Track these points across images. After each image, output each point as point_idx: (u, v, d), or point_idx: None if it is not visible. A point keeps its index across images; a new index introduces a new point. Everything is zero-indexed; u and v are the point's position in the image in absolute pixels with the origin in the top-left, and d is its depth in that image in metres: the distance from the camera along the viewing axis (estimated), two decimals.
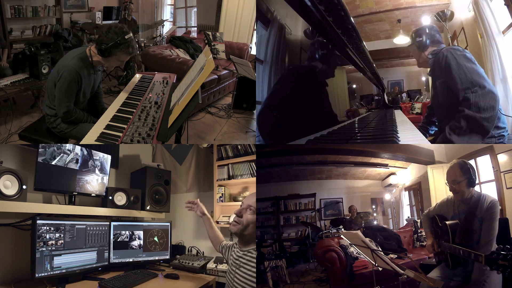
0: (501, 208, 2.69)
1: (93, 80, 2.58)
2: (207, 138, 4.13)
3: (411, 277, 2.01)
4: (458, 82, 2.29)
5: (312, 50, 3.39)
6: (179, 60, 4.78)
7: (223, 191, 3.57)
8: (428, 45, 2.66)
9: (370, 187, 6.36)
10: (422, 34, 2.68)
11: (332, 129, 3.23)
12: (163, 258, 3.05)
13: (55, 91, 2.41)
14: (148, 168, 3.12)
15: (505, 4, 3.15)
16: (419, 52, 2.73)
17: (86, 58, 2.41)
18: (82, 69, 2.37)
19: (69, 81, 2.33)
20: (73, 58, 2.36)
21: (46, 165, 2.26)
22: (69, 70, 2.32)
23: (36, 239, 2.04)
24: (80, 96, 2.50)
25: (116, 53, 2.35)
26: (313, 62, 3.34)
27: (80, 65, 2.36)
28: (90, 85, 2.57)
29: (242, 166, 3.51)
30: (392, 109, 5.09)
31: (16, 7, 5.28)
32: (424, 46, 2.67)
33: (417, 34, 2.71)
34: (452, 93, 2.38)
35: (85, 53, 2.41)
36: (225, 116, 4.79)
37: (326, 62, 3.29)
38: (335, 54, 3.31)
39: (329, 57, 3.29)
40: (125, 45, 2.33)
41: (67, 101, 2.40)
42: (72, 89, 2.38)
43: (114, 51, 2.34)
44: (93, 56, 2.42)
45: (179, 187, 3.87)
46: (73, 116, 2.48)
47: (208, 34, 6.10)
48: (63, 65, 2.35)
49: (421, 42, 2.67)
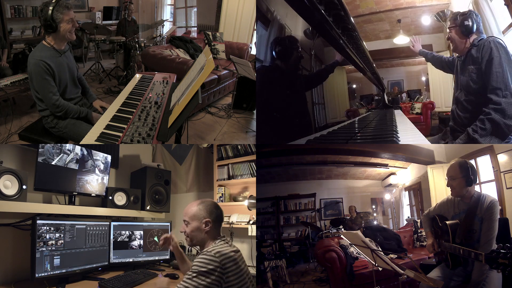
0: (501, 208, 2.69)
1: (65, 62, 2.52)
2: (207, 138, 4.13)
3: (411, 277, 2.01)
4: (494, 78, 2.33)
5: (270, 49, 3.27)
6: (179, 60, 4.78)
7: (223, 191, 3.57)
8: (474, 32, 2.56)
9: (370, 187, 6.36)
10: (469, 19, 2.55)
11: (332, 129, 3.24)
12: (163, 258, 3.05)
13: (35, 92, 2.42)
14: (148, 168, 3.12)
15: (505, 4, 3.15)
16: (463, 37, 2.60)
17: (45, 46, 2.41)
18: (45, 57, 2.35)
19: (39, 73, 2.32)
20: (34, 53, 2.37)
21: (46, 165, 2.26)
22: (34, 64, 2.31)
23: (36, 239, 2.03)
24: (60, 82, 2.47)
25: (59, 17, 2.32)
26: (274, 61, 3.19)
27: (42, 54, 2.35)
28: (64, 68, 2.52)
29: (242, 166, 3.51)
30: (392, 109, 5.10)
31: (16, 7, 5.28)
32: (470, 31, 2.55)
33: (464, 17, 2.57)
34: (482, 83, 2.43)
35: (42, 44, 2.42)
36: (225, 116, 4.79)
37: (284, 58, 3.12)
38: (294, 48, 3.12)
39: (286, 53, 3.12)
40: (59, 4, 2.30)
41: (50, 93, 2.39)
42: (47, 79, 2.35)
43: (56, 18, 2.31)
44: (50, 42, 2.41)
45: (179, 187, 3.87)
46: (63, 108, 2.46)
47: (208, 34, 6.10)
48: (29, 63, 2.35)
49: (468, 27, 2.55)
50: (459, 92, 2.75)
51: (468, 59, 2.59)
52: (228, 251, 1.67)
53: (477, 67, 2.49)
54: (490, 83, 2.35)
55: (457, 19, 2.61)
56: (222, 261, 1.59)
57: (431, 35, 5.63)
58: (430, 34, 5.61)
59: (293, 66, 3.20)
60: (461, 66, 2.71)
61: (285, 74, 3.17)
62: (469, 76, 2.57)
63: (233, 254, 1.68)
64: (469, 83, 2.58)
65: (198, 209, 1.81)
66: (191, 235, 1.81)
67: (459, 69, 2.75)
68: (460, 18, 2.59)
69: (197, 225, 1.78)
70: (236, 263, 1.67)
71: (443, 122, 5.34)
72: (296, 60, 3.18)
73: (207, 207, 1.82)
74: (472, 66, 2.54)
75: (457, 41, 2.66)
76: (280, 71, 3.13)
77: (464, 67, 2.65)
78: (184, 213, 1.84)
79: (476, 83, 2.51)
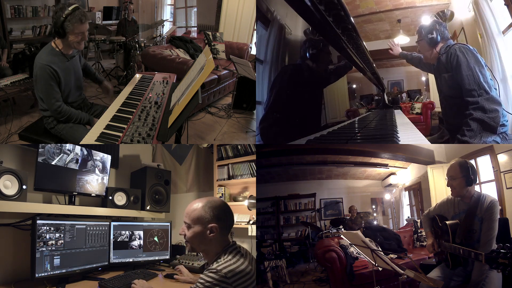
0: (501, 208, 2.69)
1: (71, 67, 2.52)
2: (207, 138, 4.13)
3: (411, 277, 2.01)
4: (466, 82, 2.46)
5: (303, 49, 3.51)
6: (179, 60, 4.78)
7: (223, 191, 3.57)
8: (439, 42, 2.75)
9: (370, 187, 6.36)
10: (433, 31, 2.74)
11: (332, 129, 3.24)
12: (163, 258, 3.05)
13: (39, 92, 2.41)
14: (148, 168, 3.12)
15: (505, 4, 3.15)
16: (430, 48, 2.80)
17: (53, 49, 2.39)
18: (53, 62, 2.34)
19: (44, 78, 2.32)
20: (42, 55, 2.36)
21: (46, 165, 2.26)
22: (40, 68, 2.31)
23: (36, 239, 2.03)
24: (65, 88, 2.47)
25: (69, 28, 2.29)
26: (305, 60, 3.47)
27: (49, 58, 2.34)
28: (70, 74, 2.51)
29: (242, 166, 3.51)
30: (392, 109, 5.09)
31: (16, 7, 5.28)
32: (436, 42, 2.75)
33: (428, 30, 2.77)
34: (459, 87, 2.55)
35: (50, 46, 2.40)
36: (225, 116, 4.79)
37: (316, 61, 3.41)
38: (326, 52, 3.43)
39: (319, 56, 3.42)
40: (73, 15, 2.27)
41: (53, 99, 2.39)
42: (52, 84, 2.35)
43: (67, 27, 2.29)
44: (58, 45, 2.40)
45: (179, 187, 3.87)
46: (65, 114, 2.46)
47: (208, 34, 6.10)
48: (35, 66, 2.34)
49: (433, 39, 2.74)
50: (442, 96, 2.92)
51: (441, 66, 2.76)
52: (244, 267, 1.41)
53: (450, 74, 2.65)
54: (464, 87, 2.48)
55: (422, 32, 2.82)
56: (234, 282, 1.35)
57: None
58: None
59: (322, 69, 3.53)
60: (436, 74, 2.90)
61: (315, 75, 3.45)
62: (445, 83, 2.74)
63: (249, 269, 1.43)
64: (447, 88, 2.75)
65: (203, 211, 1.49)
66: (192, 241, 1.50)
67: (435, 76, 2.95)
68: (425, 32, 2.79)
69: (200, 230, 1.47)
70: (250, 278, 1.41)
71: (443, 122, 5.34)
72: (326, 64, 3.55)
73: (214, 210, 1.49)
74: (445, 74, 2.72)
75: (425, 53, 2.89)
76: (311, 71, 3.42)
77: (439, 75, 2.83)
78: (186, 213, 1.52)
79: (454, 88, 2.63)
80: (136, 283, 2.08)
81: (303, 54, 3.49)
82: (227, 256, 1.45)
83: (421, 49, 2.94)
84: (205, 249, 1.52)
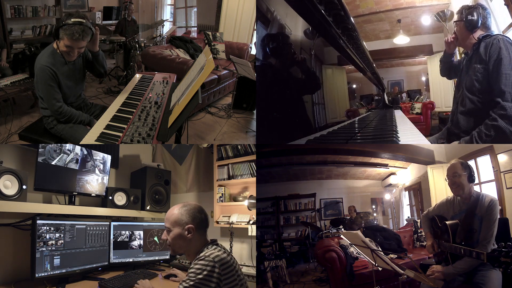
0: (501, 208, 2.70)
1: (72, 69, 2.50)
2: (207, 138, 4.13)
3: (411, 277, 2.01)
4: (503, 81, 2.21)
5: (262, 47, 3.14)
6: (179, 60, 4.78)
7: (223, 191, 3.57)
8: (478, 27, 2.44)
9: (370, 187, 6.36)
10: (474, 13, 2.43)
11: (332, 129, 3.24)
12: (163, 258, 3.05)
13: (39, 92, 2.41)
14: (148, 168, 3.12)
15: (505, 4, 3.15)
16: (467, 32, 2.49)
17: (55, 51, 2.39)
18: (53, 63, 2.33)
19: (44, 79, 2.32)
20: (42, 56, 2.36)
21: (46, 165, 2.26)
22: (40, 69, 2.31)
23: (36, 239, 2.03)
24: (64, 89, 2.46)
25: (61, 36, 2.28)
26: (267, 59, 3.08)
27: (50, 60, 2.34)
28: (71, 75, 2.50)
29: (242, 166, 3.50)
30: (392, 109, 5.10)
31: (16, 7, 5.27)
32: (474, 26, 2.44)
33: (469, 11, 2.46)
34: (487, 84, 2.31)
35: (52, 46, 2.40)
36: (225, 116, 4.79)
37: (278, 55, 3.02)
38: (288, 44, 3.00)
39: (281, 49, 3.02)
40: (66, 27, 2.23)
41: (53, 100, 2.39)
42: (52, 85, 2.35)
43: (60, 34, 2.28)
44: (59, 47, 2.39)
45: (179, 187, 3.87)
46: (66, 115, 2.46)
47: (208, 34, 6.09)
48: (36, 66, 2.34)
49: (472, 21, 2.44)
50: (461, 92, 2.63)
51: (475, 57, 2.45)
52: (226, 256, 1.56)
53: (484, 66, 2.36)
54: (498, 85, 2.22)
55: (462, 13, 2.50)
56: (221, 266, 1.50)
57: (431, 35, 5.63)
58: (430, 34, 5.61)
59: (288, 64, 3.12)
60: (467, 64, 2.59)
61: (280, 72, 3.08)
62: (474, 75, 2.44)
63: (232, 261, 1.59)
64: (473, 82, 2.45)
65: (180, 214, 1.64)
66: (173, 243, 1.65)
67: (465, 67, 2.62)
68: (466, 12, 2.47)
69: (179, 232, 1.62)
70: (233, 269, 1.57)
71: (443, 122, 5.34)
72: (290, 57, 3.10)
73: (189, 211, 1.66)
74: (478, 65, 2.41)
75: (461, 36, 2.57)
76: (274, 69, 3.04)
77: (470, 65, 2.52)
78: (166, 219, 1.68)
79: (481, 83, 2.39)
80: (139, 283, 2.09)
81: (263, 52, 3.10)
82: (209, 249, 1.60)
83: (457, 32, 2.58)
84: (186, 250, 1.67)
